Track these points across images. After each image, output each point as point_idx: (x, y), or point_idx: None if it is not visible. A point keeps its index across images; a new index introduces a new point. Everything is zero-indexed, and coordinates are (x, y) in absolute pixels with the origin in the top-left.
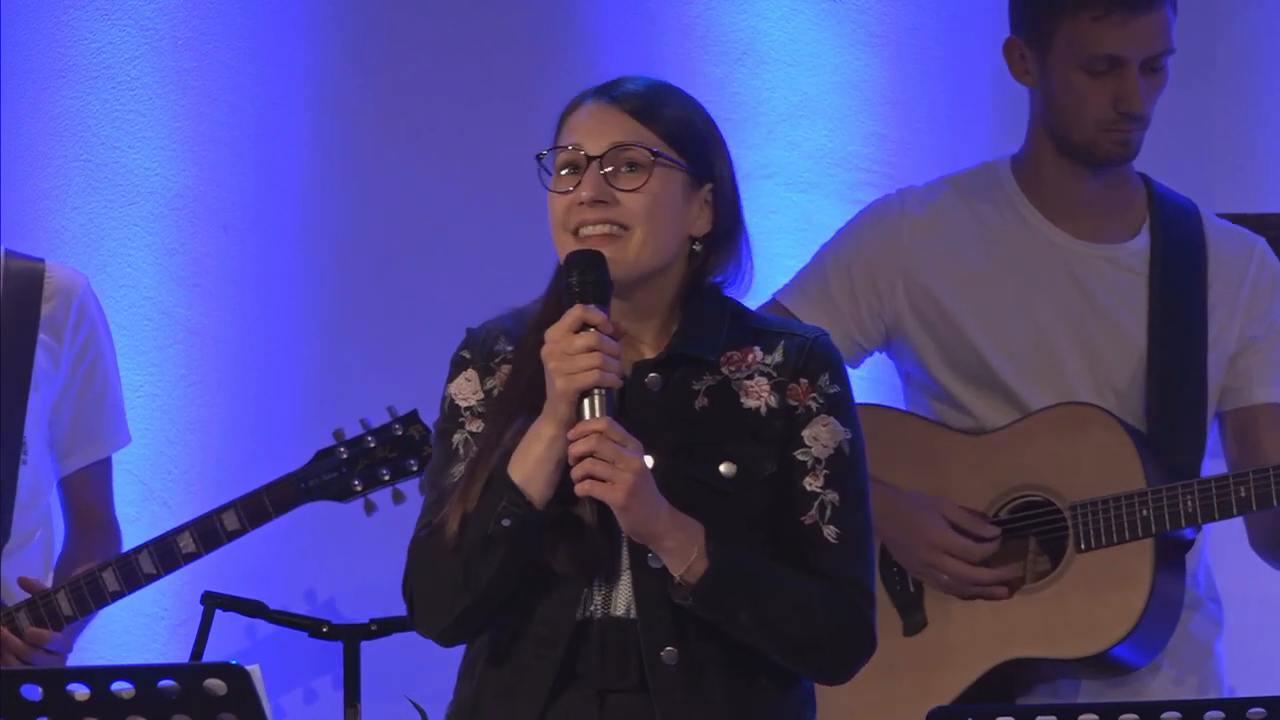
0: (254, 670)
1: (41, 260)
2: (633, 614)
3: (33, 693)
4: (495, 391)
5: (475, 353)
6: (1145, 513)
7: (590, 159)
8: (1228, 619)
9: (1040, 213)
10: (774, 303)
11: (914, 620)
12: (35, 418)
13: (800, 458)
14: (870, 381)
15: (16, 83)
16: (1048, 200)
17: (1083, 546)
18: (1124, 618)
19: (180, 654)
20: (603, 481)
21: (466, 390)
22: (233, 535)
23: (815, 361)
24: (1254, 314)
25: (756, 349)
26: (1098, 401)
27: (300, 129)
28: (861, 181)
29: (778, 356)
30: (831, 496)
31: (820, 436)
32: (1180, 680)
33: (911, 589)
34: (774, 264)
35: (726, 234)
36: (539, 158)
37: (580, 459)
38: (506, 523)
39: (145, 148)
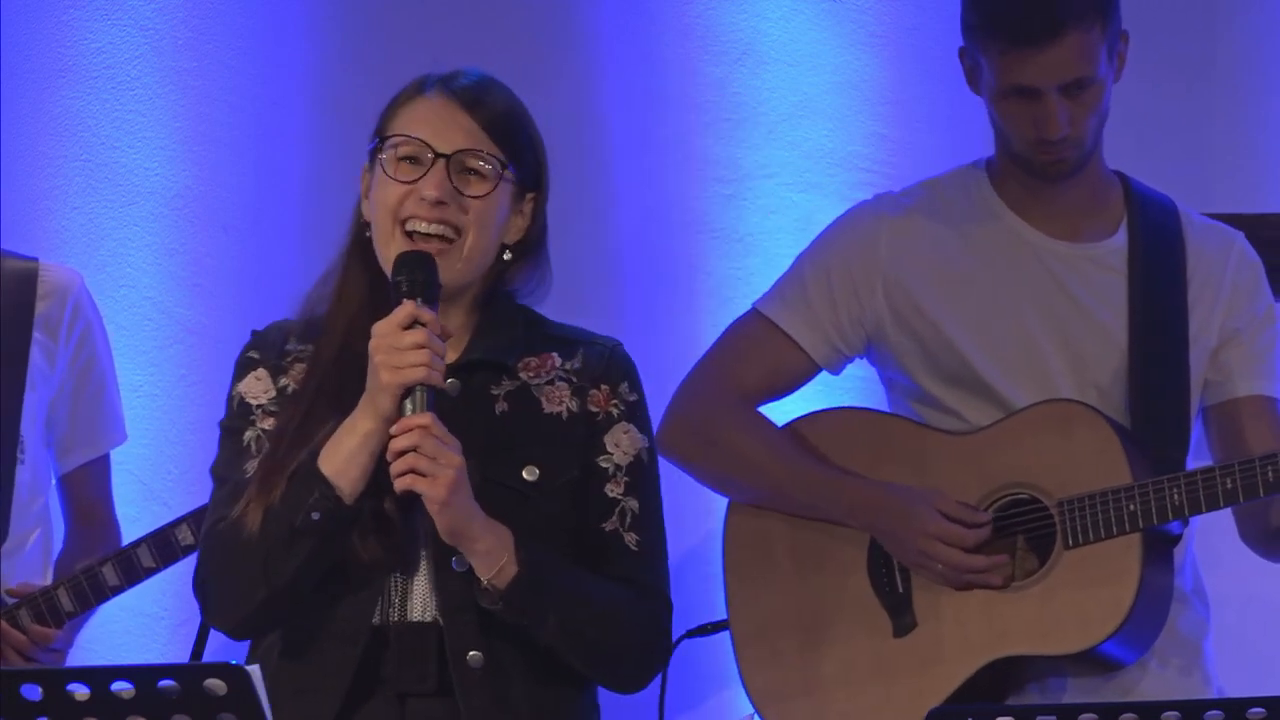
0: (254, 670)
1: (35, 259)
2: (429, 617)
3: (33, 693)
4: (290, 389)
5: (265, 353)
6: (1132, 507)
7: (438, 157)
8: (1222, 619)
9: (1016, 214)
10: (754, 311)
11: (903, 621)
12: (32, 417)
13: (602, 464)
14: (855, 380)
15: (16, 83)
16: (1023, 201)
17: (1070, 543)
18: (1113, 613)
19: (180, 654)
20: (424, 477)
21: (257, 389)
22: None
23: (615, 369)
24: (1234, 308)
25: (555, 355)
26: (1081, 400)
27: (300, 129)
28: (861, 181)
29: (577, 363)
30: (632, 504)
31: (621, 443)
32: (1169, 678)
33: (900, 589)
34: (774, 264)
35: (536, 243)
36: (378, 144)
37: (402, 454)
38: (316, 516)
39: (145, 148)
